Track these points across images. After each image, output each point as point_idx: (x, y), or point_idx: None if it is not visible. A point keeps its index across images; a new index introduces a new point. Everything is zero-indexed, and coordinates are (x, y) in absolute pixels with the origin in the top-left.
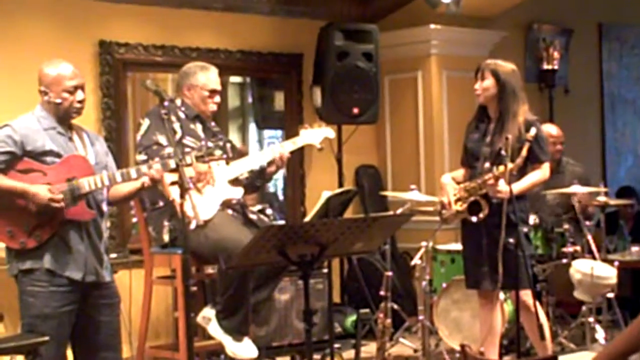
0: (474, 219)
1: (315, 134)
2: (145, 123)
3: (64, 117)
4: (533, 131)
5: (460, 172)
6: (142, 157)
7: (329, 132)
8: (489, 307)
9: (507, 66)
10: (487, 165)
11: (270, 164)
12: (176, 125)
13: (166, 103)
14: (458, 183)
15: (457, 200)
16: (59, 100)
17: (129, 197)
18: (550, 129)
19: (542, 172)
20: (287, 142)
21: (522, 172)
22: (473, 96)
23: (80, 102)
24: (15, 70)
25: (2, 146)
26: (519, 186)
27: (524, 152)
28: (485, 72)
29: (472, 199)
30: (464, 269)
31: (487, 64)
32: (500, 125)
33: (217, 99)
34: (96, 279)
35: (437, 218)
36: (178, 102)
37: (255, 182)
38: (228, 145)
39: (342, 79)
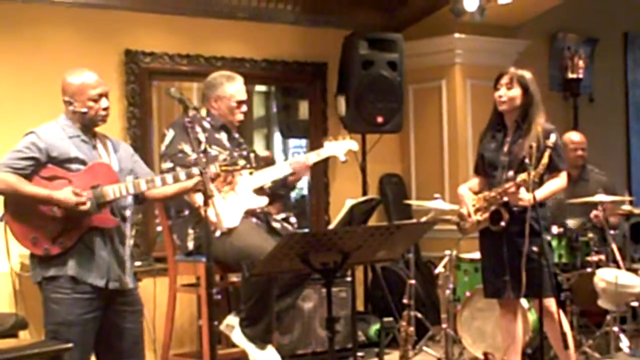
0: (496, 228)
1: (339, 146)
2: (170, 134)
3: (89, 126)
4: (553, 138)
5: (474, 182)
6: (168, 164)
7: (353, 144)
8: (510, 316)
9: (530, 76)
10: (510, 173)
11: (292, 173)
12: (201, 136)
13: (190, 112)
14: (475, 193)
15: (476, 210)
16: (84, 110)
17: (176, 196)
18: (573, 136)
19: (561, 180)
20: (312, 154)
21: (540, 180)
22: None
23: (105, 109)
24: (41, 79)
25: (27, 152)
26: (539, 194)
27: (546, 159)
28: (513, 81)
29: (493, 208)
30: (483, 279)
31: (514, 72)
32: (519, 134)
33: (244, 108)
34: (119, 285)
35: None
36: (203, 112)
37: (279, 190)
38: (252, 155)
39: (367, 88)
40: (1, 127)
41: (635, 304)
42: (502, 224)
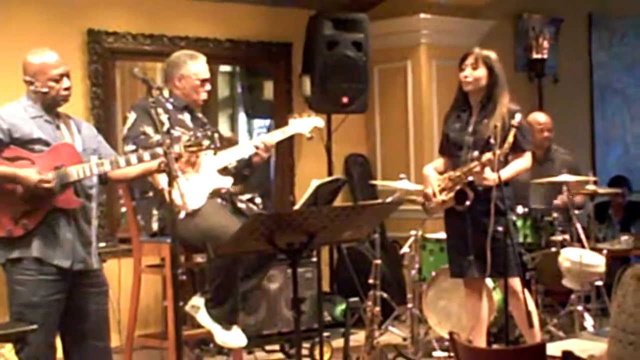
0: (460, 207)
1: (304, 123)
2: (132, 116)
3: (51, 106)
4: (518, 117)
5: (439, 162)
6: (131, 147)
7: (319, 121)
8: (475, 295)
9: (495, 56)
10: (475, 153)
11: (255, 153)
12: (164, 117)
13: (154, 92)
14: (440, 173)
15: (441, 190)
16: (45, 90)
17: (139, 177)
18: (538, 117)
19: (525, 161)
20: (277, 132)
21: (505, 160)
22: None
23: (66, 89)
24: (4, 59)
25: None
26: (504, 173)
27: (510, 139)
28: (479, 62)
29: (458, 187)
30: (448, 258)
31: (479, 53)
32: (484, 115)
33: (208, 87)
34: (84, 267)
35: None
36: (166, 93)
37: (243, 171)
38: (216, 135)
39: (332, 68)
40: None
41: (599, 283)
42: (467, 203)
